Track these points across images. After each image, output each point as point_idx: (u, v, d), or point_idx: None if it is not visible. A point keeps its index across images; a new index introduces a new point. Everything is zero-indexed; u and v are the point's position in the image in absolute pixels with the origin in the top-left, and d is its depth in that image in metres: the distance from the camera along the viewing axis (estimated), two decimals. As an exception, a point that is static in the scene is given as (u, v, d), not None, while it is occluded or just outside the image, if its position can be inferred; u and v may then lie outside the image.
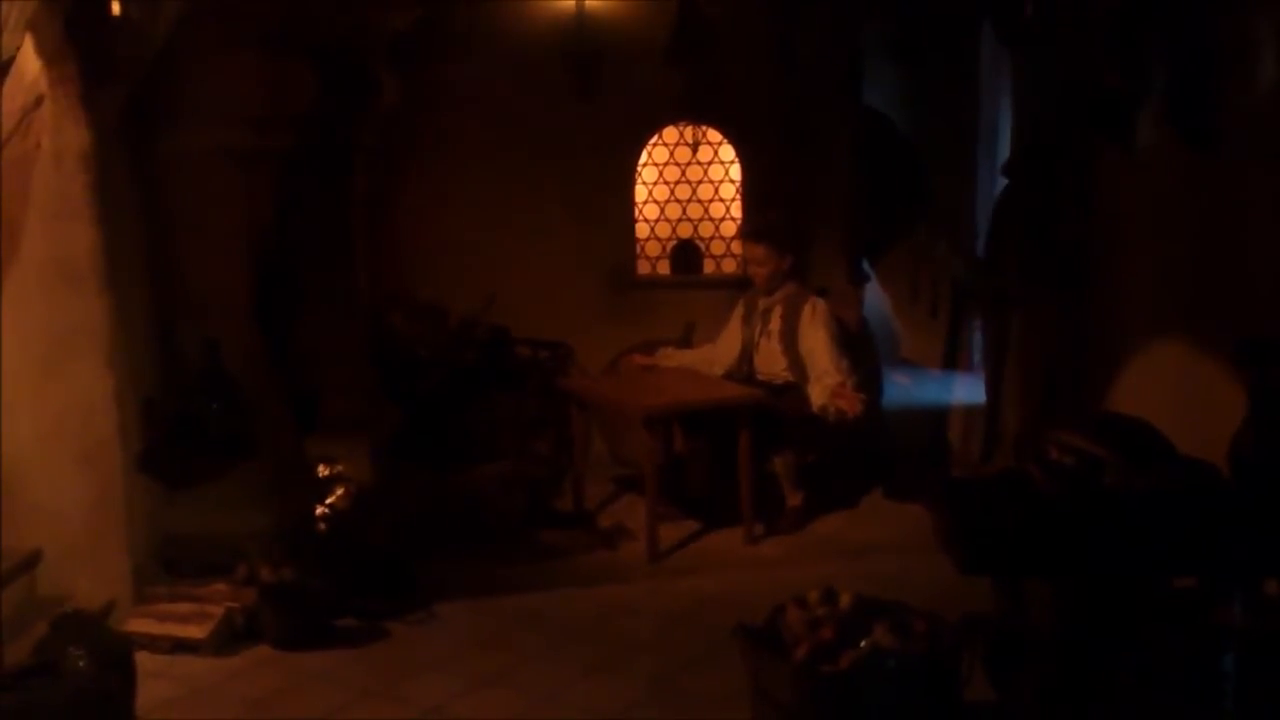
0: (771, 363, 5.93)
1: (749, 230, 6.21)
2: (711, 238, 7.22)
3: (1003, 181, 6.16)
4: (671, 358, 6.37)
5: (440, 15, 6.71)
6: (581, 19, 6.85)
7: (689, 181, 7.21)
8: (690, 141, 7.16)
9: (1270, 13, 3.97)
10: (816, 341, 5.76)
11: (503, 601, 4.96)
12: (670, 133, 7.17)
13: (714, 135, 7.13)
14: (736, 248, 7.17)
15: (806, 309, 5.86)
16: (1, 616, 3.92)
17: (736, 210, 7.16)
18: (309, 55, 5.17)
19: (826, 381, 5.63)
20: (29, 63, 4.22)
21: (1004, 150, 7.52)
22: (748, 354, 6.02)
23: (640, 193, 7.21)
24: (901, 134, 7.48)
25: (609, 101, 6.91)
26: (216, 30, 4.70)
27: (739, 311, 6.14)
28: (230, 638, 4.49)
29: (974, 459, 6.35)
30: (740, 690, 3.68)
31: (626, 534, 5.77)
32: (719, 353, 6.17)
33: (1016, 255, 6.00)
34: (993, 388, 6.07)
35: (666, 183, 7.23)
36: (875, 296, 7.49)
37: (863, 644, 3.48)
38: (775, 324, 5.92)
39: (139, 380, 4.67)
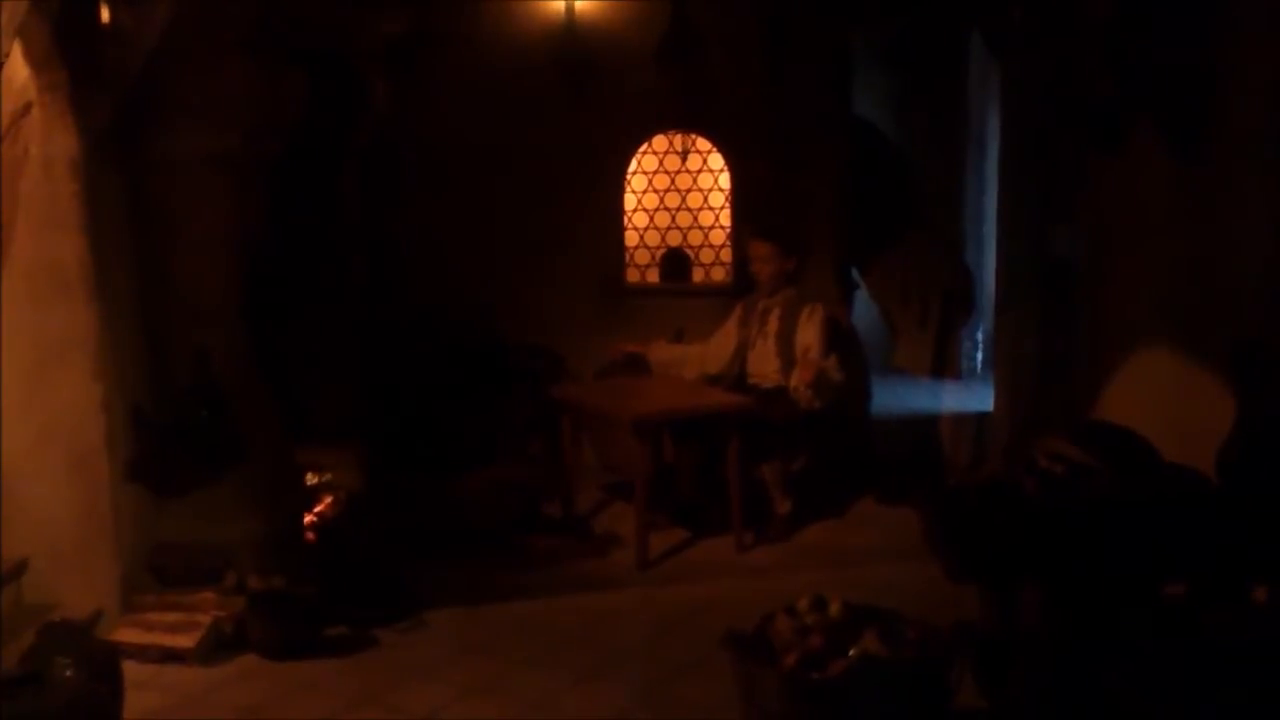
0: (764, 363, 5.95)
1: (758, 228, 6.24)
2: (701, 246, 7.22)
3: (993, 191, 6.19)
4: (662, 350, 6.40)
5: (431, 21, 6.71)
6: (571, 26, 6.85)
7: (678, 190, 7.21)
8: (679, 149, 7.17)
9: (1259, 22, 3.99)
10: (810, 338, 5.81)
11: (493, 609, 4.95)
12: (660, 141, 7.17)
13: (703, 143, 7.13)
14: (725, 256, 7.18)
15: (805, 310, 5.91)
16: (-8, 625, 3.91)
17: (725, 218, 7.16)
18: (300, 61, 5.17)
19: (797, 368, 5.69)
20: (18, 69, 4.21)
21: (992, 158, 7.55)
22: (741, 354, 6.04)
23: (629, 201, 7.21)
24: (890, 142, 7.50)
25: (599, 109, 6.92)
26: (206, 36, 4.69)
27: (737, 313, 6.18)
28: (218, 646, 4.47)
29: (964, 465, 6.38)
30: (730, 698, 3.68)
31: (616, 541, 5.76)
32: (711, 351, 6.18)
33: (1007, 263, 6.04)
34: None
35: (656, 191, 7.23)
36: (864, 305, 7.50)
37: (852, 652, 3.48)
38: (773, 325, 5.96)
39: (128, 388, 4.65)
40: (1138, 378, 4.68)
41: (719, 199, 7.17)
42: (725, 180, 7.14)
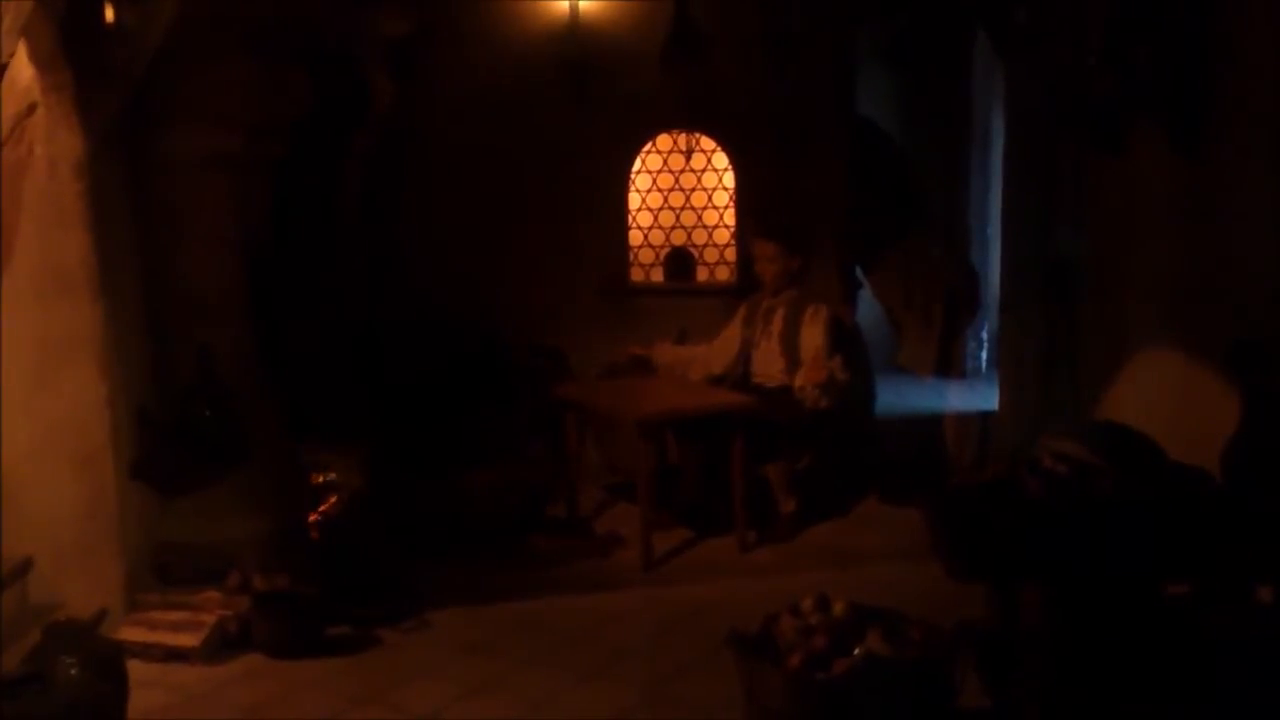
0: (768, 363, 5.95)
1: (763, 228, 6.24)
2: (705, 245, 7.22)
3: (997, 189, 6.18)
4: (667, 352, 6.41)
5: (435, 21, 6.72)
6: (576, 26, 6.86)
7: (682, 189, 7.22)
8: (683, 149, 7.17)
9: (1260, 22, 3.99)
10: (814, 338, 5.82)
11: (496, 608, 4.96)
12: (664, 140, 7.17)
13: (707, 143, 7.14)
14: (730, 255, 7.18)
15: (810, 310, 5.92)
16: (-3, 624, 3.92)
17: (729, 218, 7.16)
18: (303, 61, 5.17)
19: (804, 367, 5.68)
20: (22, 69, 4.22)
21: (996, 157, 7.54)
22: (746, 354, 6.05)
23: (634, 200, 7.22)
24: (894, 141, 7.50)
25: (603, 108, 6.93)
26: (211, 36, 4.70)
27: (741, 313, 6.18)
28: (223, 646, 4.48)
29: (968, 465, 6.37)
30: (733, 698, 3.68)
31: (620, 541, 5.76)
32: (715, 351, 6.19)
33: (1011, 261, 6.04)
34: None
35: (660, 190, 7.23)
36: (868, 304, 7.50)
37: (856, 651, 3.48)
38: (777, 325, 5.96)
39: (132, 387, 4.66)
40: (1142, 377, 4.67)
41: (723, 198, 7.18)
42: (729, 179, 7.14)
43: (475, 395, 6.75)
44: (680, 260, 7.22)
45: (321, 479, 5.37)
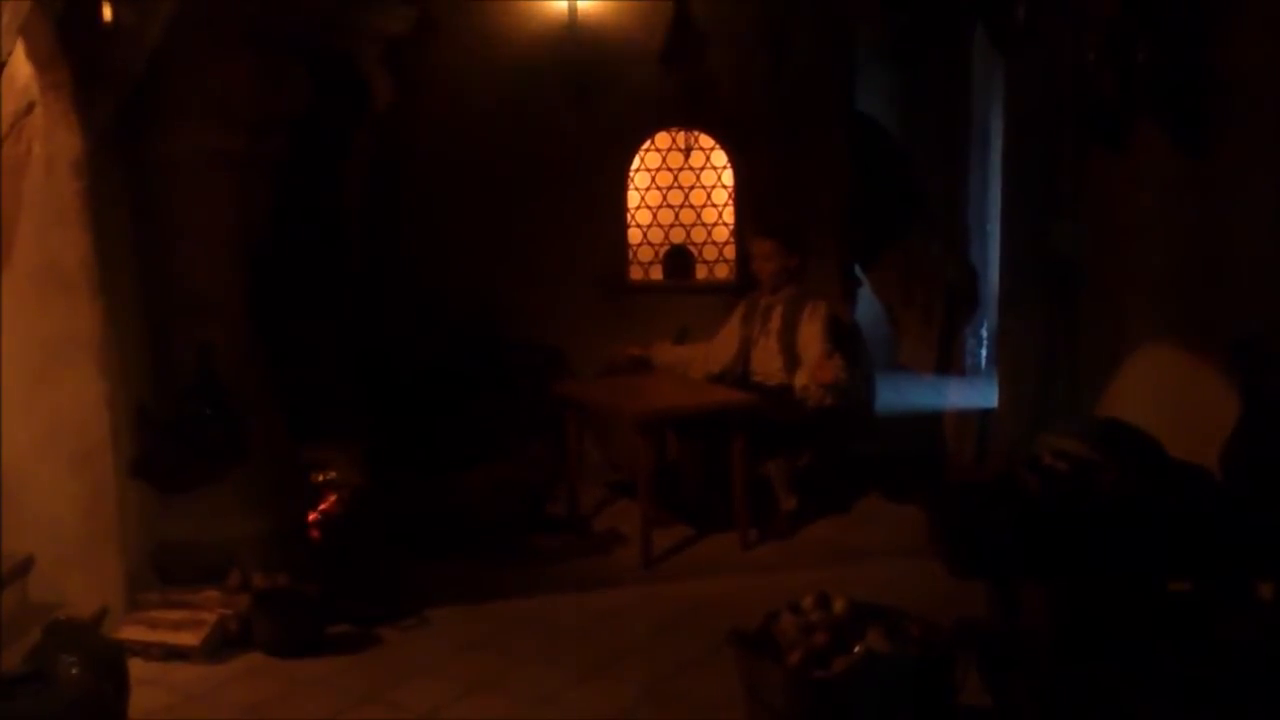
0: (768, 361, 5.95)
1: (761, 226, 6.26)
2: (704, 243, 7.22)
3: (996, 187, 6.18)
4: (666, 352, 6.41)
5: (434, 20, 6.71)
6: (575, 24, 6.85)
7: (681, 187, 7.22)
8: (682, 147, 7.17)
9: (1260, 22, 3.99)
10: (812, 336, 5.83)
11: (496, 606, 4.96)
12: (662, 138, 7.17)
13: (706, 140, 7.14)
14: (729, 253, 7.18)
15: (808, 308, 5.93)
16: (-2, 622, 3.92)
17: (729, 215, 7.16)
18: (303, 58, 5.16)
19: (810, 367, 5.69)
20: (20, 68, 4.22)
21: (996, 154, 7.54)
22: (745, 352, 6.06)
23: (633, 198, 7.21)
24: (894, 138, 7.50)
25: (602, 106, 6.93)
26: (209, 34, 4.69)
27: (739, 311, 6.19)
28: (223, 645, 4.48)
29: (968, 462, 6.38)
30: (734, 695, 3.68)
31: (620, 539, 5.77)
32: (714, 350, 6.19)
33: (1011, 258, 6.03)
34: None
35: (659, 188, 7.23)
36: (867, 302, 7.50)
37: (856, 649, 3.48)
38: (775, 323, 5.97)
39: (132, 386, 4.66)
40: (1142, 374, 4.67)
41: (722, 196, 7.18)
42: (728, 177, 7.14)
43: (475, 393, 6.75)
44: (679, 258, 7.22)
45: (321, 477, 5.37)
